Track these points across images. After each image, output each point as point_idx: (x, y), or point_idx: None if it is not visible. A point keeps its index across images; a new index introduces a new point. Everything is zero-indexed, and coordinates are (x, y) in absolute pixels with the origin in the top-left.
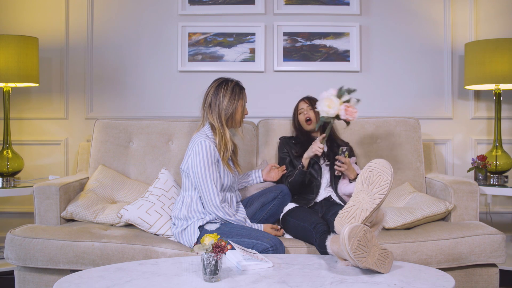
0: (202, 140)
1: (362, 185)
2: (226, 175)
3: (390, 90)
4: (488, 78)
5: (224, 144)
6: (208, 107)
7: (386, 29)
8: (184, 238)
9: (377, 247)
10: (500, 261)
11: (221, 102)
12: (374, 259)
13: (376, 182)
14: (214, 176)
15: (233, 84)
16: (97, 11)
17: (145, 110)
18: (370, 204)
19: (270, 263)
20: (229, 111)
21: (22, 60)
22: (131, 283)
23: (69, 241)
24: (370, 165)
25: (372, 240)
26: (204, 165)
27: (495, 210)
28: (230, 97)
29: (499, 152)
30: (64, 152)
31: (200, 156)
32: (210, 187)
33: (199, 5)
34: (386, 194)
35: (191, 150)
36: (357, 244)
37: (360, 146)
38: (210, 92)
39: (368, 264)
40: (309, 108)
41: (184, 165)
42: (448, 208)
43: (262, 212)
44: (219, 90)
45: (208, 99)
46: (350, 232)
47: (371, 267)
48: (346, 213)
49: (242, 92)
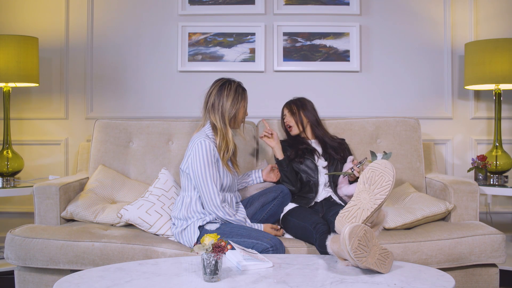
0: (202, 139)
1: (364, 185)
2: (225, 176)
3: (390, 90)
4: (488, 78)
5: (225, 144)
6: (211, 107)
7: (386, 29)
8: (184, 238)
9: (378, 247)
10: (500, 261)
11: (225, 102)
12: (375, 259)
13: (378, 183)
14: (214, 175)
15: (236, 85)
16: (97, 11)
17: (145, 110)
18: (371, 204)
19: (270, 263)
20: (232, 111)
21: (22, 60)
22: (131, 283)
23: (69, 241)
24: (372, 166)
25: (373, 240)
26: (204, 164)
27: (495, 210)
28: (233, 98)
29: (499, 152)
30: (64, 152)
31: (200, 156)
32: (210, 187)
33: (199, 5)
34: (388, 194)
35: (191, 150)
36: (358, 244)
37: (360, 146)
38: (213, 92)
39: (368, 264)
40: (289, 114)
41: (184, 165)
42: (448, 208)
43: (262, 212)
44: (223, 90)
45: (211, 99)
46: (351, 232)
47: (371, 267)
48: (347, 212)
49: (245, 94)
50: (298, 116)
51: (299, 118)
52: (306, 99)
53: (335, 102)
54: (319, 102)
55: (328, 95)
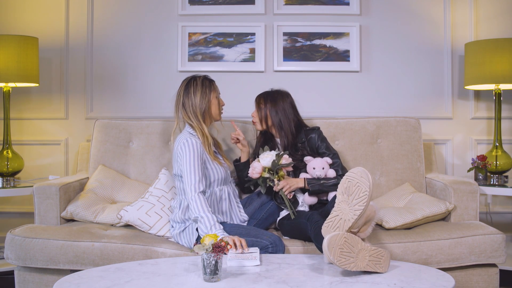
0: (187, 137)
1: (342, 196)
2: (216, 170)
3: (390, 90)
4: (488, 78)
5: (206, 139)
6: (182, 107)
7: (386, 29)
8: (183, 239)
9: (366, 249)
10: (500, 261)
11: (194, 99)
12: (365, 261)
13: (355, 193)
14: (199, 166)
15: (202, 79)
16: (97, 11)
17: (145, 110)
18: (351, 215)
19: (257, 261)
20: (203, 106)
21: (22, 60)
22: (131, 283)
23: (69, 241)
24: (348, 175)
25: (358, 244)
26: (190, 156)
27: (495, 210)
28: (201, 92)
29: (499, 152)
30: (64, 152)
31: (187, 151)
32: (193, 174)
33: (199, 5)
34: (366, 205)
35: (177, 149)
36: (340, 253)
37: (360, 146)
38: (181, 92)
39: (360, 267)
40: (256, 108)
41: (175, 169)
42: (448, 208)
43: (261, 212)
44: (189, 88)
45: (181, 99)
46: (329, 243)
47: (364, 269)
48: (330, 223)
49: (212, 84)
50: (264, 113)
51: (264, 115)
52: (282, 93)
53: (335, 102)
54: (319, 102)
55: (328, 95)
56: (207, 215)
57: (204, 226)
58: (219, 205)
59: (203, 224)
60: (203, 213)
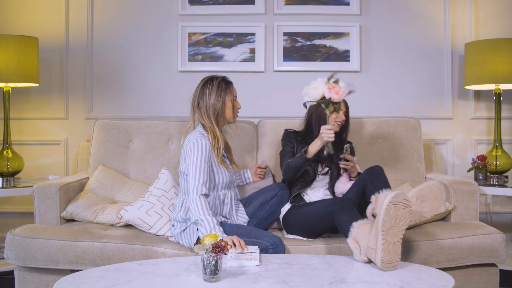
0: (198, 138)
1: (415, 200)
2: (222, 173)
3: (390, 90)
4: (488, 78)
5: (217, 142)
6: (196, 107)
7: (386, 29)
8: (184, 239)
9: (402, 232)
10: (500, 261)
11: (208, 100)
12: (394, 240)
13: (428, 203)
14: (206, 169)
15: (219, 80)
16: (97, 11)
17: (145, 110)
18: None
19: (257, 261)
20: (217, 108)
21: (22, 60)
22: (131, 283)
23: (69, 241)
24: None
25: (404, 219)
26: (198, 156)
27: (495, 210)
28: (216, 94)
29: (499, 152)
30: (64, 152)
31: (195, 151)
32: (198, 176)
33: (199, 5)
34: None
35: (186, 148)
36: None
37: (360, 146)
38: (197, 92)
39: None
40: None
41: (182, 166)
42: (448, 208)
43: (261, 211)
44: (205, 89)
45: (196, 100)
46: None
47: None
48: None
49: (229, 87)
50: None
51: None
52: None
53: None
54: None
55: None
56: (207, 218)
57: (204, 229)
58: (221, 208)
59: (203, 227)
60: (203, 216)
